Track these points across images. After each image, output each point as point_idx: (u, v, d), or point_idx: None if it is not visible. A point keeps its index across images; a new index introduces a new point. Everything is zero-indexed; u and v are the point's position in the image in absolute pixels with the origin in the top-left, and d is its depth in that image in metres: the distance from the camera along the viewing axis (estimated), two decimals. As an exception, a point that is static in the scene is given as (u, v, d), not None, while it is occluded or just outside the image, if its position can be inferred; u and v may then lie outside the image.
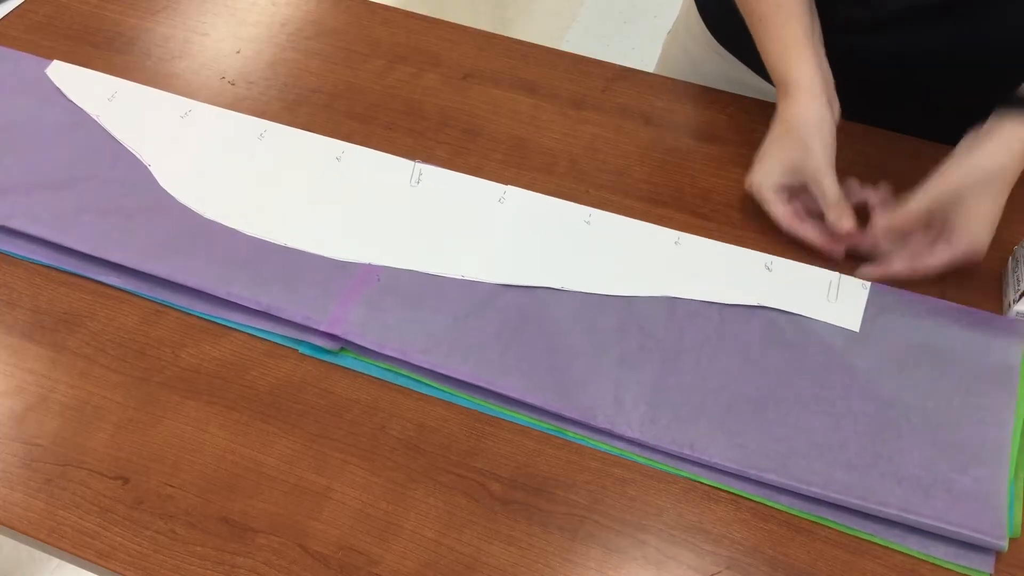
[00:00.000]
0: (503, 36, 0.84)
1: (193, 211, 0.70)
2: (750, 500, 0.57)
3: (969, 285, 0.66)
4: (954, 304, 0.65)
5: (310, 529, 0.55)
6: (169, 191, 0.71)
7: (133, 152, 0.73)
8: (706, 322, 0.64)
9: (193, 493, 0.57)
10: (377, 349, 0.62)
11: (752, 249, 0.68)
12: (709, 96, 0.79)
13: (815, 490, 0.56)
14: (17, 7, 0.86)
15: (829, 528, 0.56)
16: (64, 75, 0.79)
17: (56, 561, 1.48)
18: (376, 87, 0.79)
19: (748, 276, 0.66)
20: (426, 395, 0.61)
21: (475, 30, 0.84)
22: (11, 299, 0.66)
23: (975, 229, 0.63)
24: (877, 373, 0.61)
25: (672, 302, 0.65)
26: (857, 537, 0.55)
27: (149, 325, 0.64)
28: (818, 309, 0.64)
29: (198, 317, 0.65)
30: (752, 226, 0.70)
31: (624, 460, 0.58)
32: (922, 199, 0.63)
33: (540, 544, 0.55)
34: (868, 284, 0.65)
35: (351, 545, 0.55)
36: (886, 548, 0.55)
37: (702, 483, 0.57)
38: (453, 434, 0.59)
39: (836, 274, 0.66)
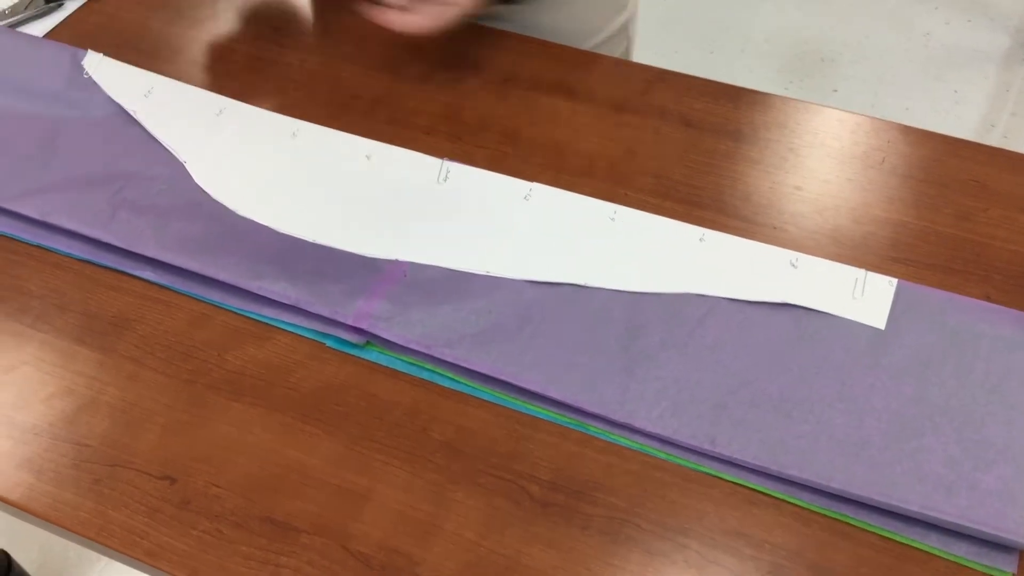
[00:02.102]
0: (542, 40, 0.85)
1: (227, 208, 0.71)
2: (792, 504, 0.56)
3: (1014, 287, 0.65)
4: (981, 302, 0.64)
5: (352, 530, 0.56)
6: (204, 188, 0.73)
7: (169, 148, 0.75)
8: (729, 319, 0.64)
9: (238, 493, 0.58)
10: (402, 343, 0.63)
11: (782, 247, 0.67)
12: (749, 98, 0.79)
13: (835, 486, 0.55)
14: (66, 18, 0.88)
15: (872, 533, 0.55)
16: (100, 67, 0.81)
17: (103, 561, 1.51)
18: (416, 92, 0.80)
19: (773, 273, 0.66)
20: (466, 398, 0.62)
21: (515, 34, 0.85)
22: (62, 303, 0.68)
23: None
24: (902, 371, 0.61)
25: (696, 299, 0.65)
26: (900, 543, 0.55)
27: (196, 328, 0.66)
28: (843, 306, 0.64)
29: (242, 320, 0.66)
30: (792, 226, 0.69)
31: (664, 463, 0.58)
32: None
33: (580, 547, 0.55)
34: (894, 281, 0.65)
35: (393, 546, 0.55)
36: (930, 554, 0.54)
37: (743, 486, 0.57)
38: (493, 436, 0.60)
39: (862, 271, 0.65)
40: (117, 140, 0.76)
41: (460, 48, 0.84)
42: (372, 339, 0.64)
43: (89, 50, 0.82)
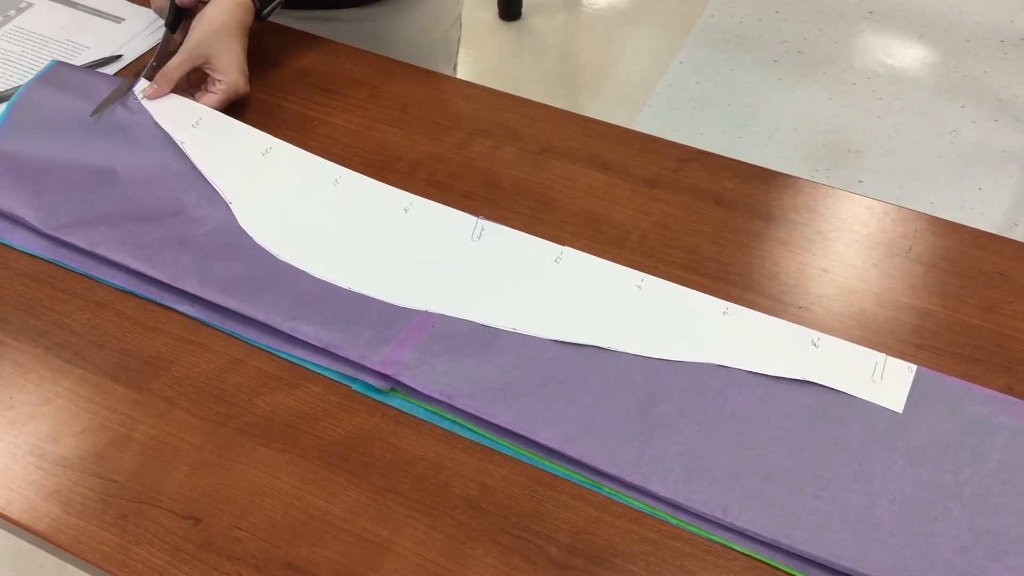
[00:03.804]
0: (580, 115, 0.87)
1: (267, 251, 0.74)
2: (810, 582, 0.56)
3: (1039, 380, 0.66)
4: (1000, 394, 0.64)
5: (371, 580, 0.57)
6: (247, 231, 0.75)
7: (215, 187, 0.78)
8: (749, 392, 0.65)
9: (260, 537, 0.58)
10: (425, 391, 0.64)
11: (805, 326, 0.69)
12: (780, 181, 0.81)
13: (845, 564, 0.56)
14: (122, 68, 0.92)
15: (890, 616, 0.55)
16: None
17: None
18: (457, 158, 0.83)
19: (794, 350, 0.67)
20: (489, 455, 0.62)
21: (553, 108, 0.88)
22: (101, 340, 0.69)
23: (230, 72, 0.84)
24: (918, 455, 0.61)
25: (717, 370, 0.66)
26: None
27: (229, 372, 0.67)
28: (862, 388, 0.65)
29: (275, 367, 0.67)
30: (818, 307, 0.70)
31: (683, 532, 0.59)
32: (179, 58, 0.84)
33: (596, 611, 0.55)
34: (914, 367, 0.66)
35: (410, 599, 0.56)
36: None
37: (761, 561, 0.57)
38: (514, 495, 0.60)
39: (882, 355, 0.66)
40: (167, 178, 0.79)
41: (500, 118, 0.86)
42: (397, 386, 0.66)
43: (142, 78, 0.86)
